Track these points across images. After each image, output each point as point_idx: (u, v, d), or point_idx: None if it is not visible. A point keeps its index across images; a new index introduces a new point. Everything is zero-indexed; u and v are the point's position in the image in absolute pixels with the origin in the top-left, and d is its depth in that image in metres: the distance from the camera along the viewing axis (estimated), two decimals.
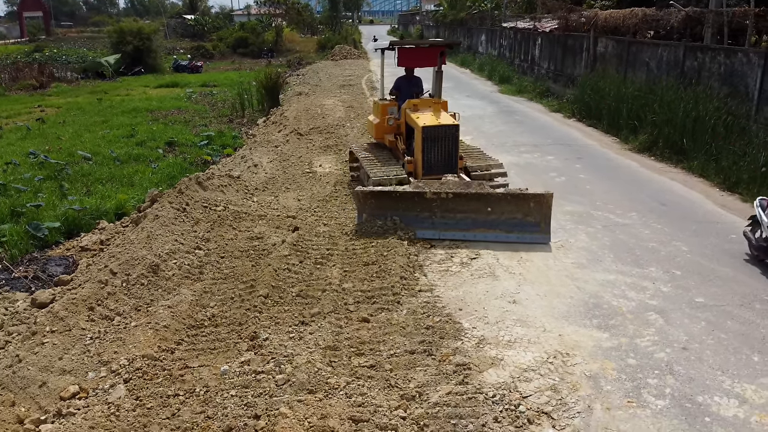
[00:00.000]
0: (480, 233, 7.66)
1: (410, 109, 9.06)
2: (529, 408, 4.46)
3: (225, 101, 23.87)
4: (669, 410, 4.45)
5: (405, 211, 7.85)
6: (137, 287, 6.60)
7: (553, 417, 4.38)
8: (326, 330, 5.57)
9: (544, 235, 7.65)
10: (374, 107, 10.58)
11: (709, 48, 12.83)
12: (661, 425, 4.29)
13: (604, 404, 4.53)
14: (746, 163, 9.98)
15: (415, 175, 8.74)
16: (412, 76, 10.16)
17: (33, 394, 4.95)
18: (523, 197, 7.62)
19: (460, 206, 7.70)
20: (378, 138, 10.12)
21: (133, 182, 12.12)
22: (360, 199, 7.97)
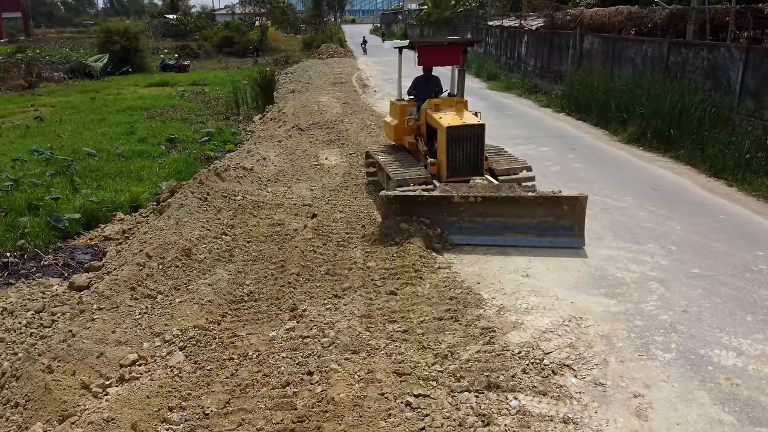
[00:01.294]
0: (510, 238, 7.35)
1: (431, 109, 8.80)
2: (552, 362, 5.00)
3: (218, 99, 24.19)
4: (675, 361, 5.03)
5: (431, 215, 7.56)
6: (173, 269, 7.03)
7: (574, 369, 4.93)
8: (358, 302, 6.07)
9: (578, 239, 7.34)
10: (392, 108, 10.29)
11: (693, 44, 13.54)
12: (670, 373, 4.86)
13: (618, 358, 5.10)
14: (731, 151, 10.66)
15: (439, 178, 8.46)
16: (430, 76, 9.88)
17: (92, 363, 5.36)
18: (555, 200, 7.28)
19: (489, 210, 7.39)
20: (397, 140, 9.87)
21: (141, 177, 12.46)
22: (385, 204, 7.65)
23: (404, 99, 9.92)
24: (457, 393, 4.57)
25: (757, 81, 11.39)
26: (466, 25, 36.44)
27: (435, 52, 9.35)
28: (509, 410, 4.40)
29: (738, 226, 8.09)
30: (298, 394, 4.61)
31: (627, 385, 4.74)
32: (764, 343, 5.24)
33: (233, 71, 35.87)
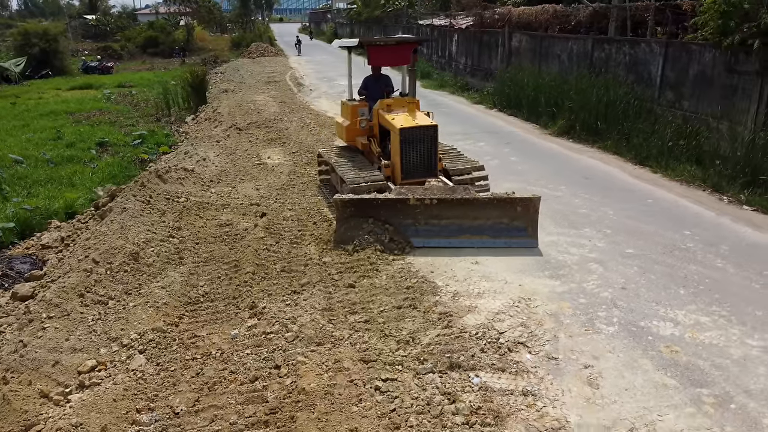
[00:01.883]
0: (466, 240, 7.37)
1: (383, 109, 8.72)
2: (507, 340, 5.29)
3: (147, 101, 23.55)
4: (619, 333, 5.42)
5: (387, 218, 7.46)
6: (121, 274, 6.90)
7: (527, 345, 5.23)
8: (318, 296, 6.18)
9: (532, 239, 7.40)
10: (343, 109, 10.08)
11: (615, 40, 14.34)
12: (615, 345, 5.25)
13: (566, 333, 5.44)
14: (654, 140, 11.39)
15: (394, 180, 8.37)
16: (380, 75, 9.72)
17: (48, 372, 5.23)
18: (510, 201, 7.34)
19: (445, 212, 7.39)
20: (349, 141, 9.66)
21: (73, 183, 12.06)
22: (339, 208, 7.49)
23: (355, 99, 9.66)
24: (422, 375, 4.77)
25: (676, 74, 12.22)
26: (397, 24, 36.86)
27: (385, 52, 9.19)
28: (472, 387, 4.64)
29: (665, 209, 8.70)
30: (267, 388, 4.69)
31: (577, 357, 5.08)
32: (697, 314, 5.72)
33: (160, 72, 34.94)
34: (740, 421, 4.26)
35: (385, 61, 9.53)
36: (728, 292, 6.12)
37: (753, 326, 5.49)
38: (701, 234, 7.71)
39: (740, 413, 4.35)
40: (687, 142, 10.93)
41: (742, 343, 5.23)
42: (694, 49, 11.76)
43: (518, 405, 4.45)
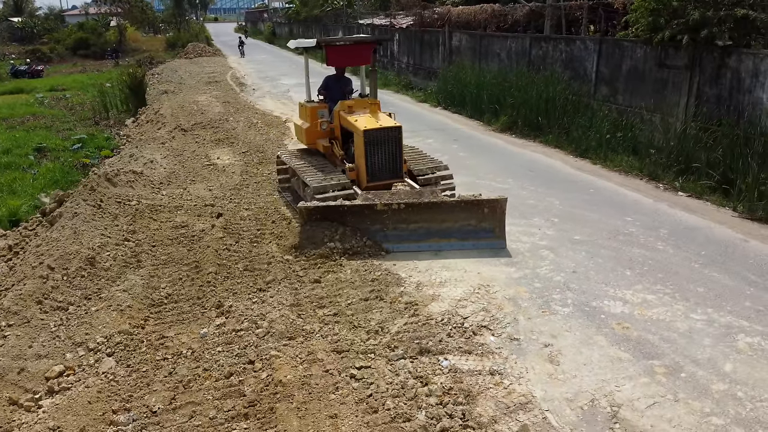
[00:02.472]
0: (435, 243, 7.34)
1: (345, 111, 8.57)
2: (471, 325, 5.55)
3: (83, 104, 22.81)
4: (573, 314, 5.77)
5: (354, 224, 7.38)
6: (78, 279, 6.77)
7: (490, 328, 5.51)
8: (284, 293, 6.27)
9: (500, 240, 7.40)
10: (301, 110, 9.75)
11: (552, 38, 14.94)
12: (571, 324, 5.59)
13: (525, 315, 5.75)
14: (592, 133, 11.98)
15: (359, 183, 8.20)
16: (341, 76, 9.54)
17: (14, 380, 5.12)
18: (477, 203, 7.33)
19: (412, 216, 7.33)
20: (310, 143, 9.37)
21: (14, 190, 11.62)
22: (304, 216, 7.39)
23: (314, 100, 9.45)
24: (394, 361, 4.96)
25: (610, 70, 12.88)
26: (336, 23, 36.90)
27: (344, 52, 9.02)
28: (442, 370, 4.86)
29: (607, 198, 9.22)
30: (244, 382, 4.76)
31: (537, 337, 5.38)
32: (644, 293, 6.15)
33: (93, 74, 33.83)
34: (691, 388, 4.65)
35: (344, 62, 9.34)
36: (670, 272, 6.59)
37: (696, 302, 5.96)
38: (642, 219, 8.22)
39: (690, 381, 4.74)
40: (623, 135, 11.55)
41: (687, 317, 5.67)
42: (627, 46, 12.44)
43: (487, 384, 4.70)
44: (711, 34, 10.31)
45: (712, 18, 10.34)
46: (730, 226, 7.94)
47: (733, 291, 6.15)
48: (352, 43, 9.21)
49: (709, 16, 10.38)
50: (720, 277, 6.48)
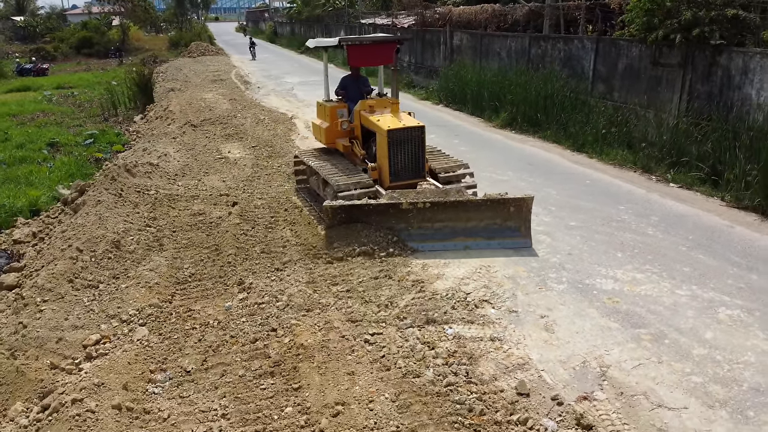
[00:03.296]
0: (460, 242, 7.30)
1: (366, 111, 8.51)
2: (473, 299, 6.03)
3: (91, 101, 23.33)
4: (568, 290, 6.26)
5: (379, 223, 7.37)
6: (105, 260, 7.25)
7: (491, 302, 5.99)
8: (300, 272, 6.74)
9: (525, 239, 7.38)
10: (320, 110, 9.64)
11: (550, 37, 15.42)
12: (565, 299, 6.07)
13: (523, 291, 6.24)
14: (589, 128, 12.46)
15: (381, 183, 8.16)
16: (358, 75, 9.56)
17: (53, 348, 5.59)
18: (503, 202, 7.27)
19: (438, 215, 7.30)
20: (329, 143, 9.30)
21: (31, 182, 12.12)
22: (329, 214, 7.36)
23: (332, 99, 9.39)
24: (404, 329, 5.44)
25: (607, 68, 13.36)
26: (338, 23, 37.37)
27: (366, 52, 8.87)
28: (447, 337, 5.34)
29: (601, 188, 9.69)
30: (268, 346, 5.24)
31: (534, 310, 5.86)
32: (633, 272, 6.63)
33: (98, 73, 34.32)
34: (674, 352, 5.13)
35: (366, 61, 9.31)
36: (659, 254, 7.07)
37: (681, 280, 6.44)
38: (634, 208, 8.70)
39: (673, 346, 5.22)
40: (618, 130, 12.03)
41: (672, 293, 6.15)
42: (623, 45, 12.92)
43: (488, 348, 5.18)
44: (703, 33, 10.78)
45: (703, 18, 10.82)
46: (717, 214, 8.42)
47: (716, 270, 6.64)
48: (375, 42, 9.10)
49: (701, 16, 10.85)
50: (705, 258, 6.96)
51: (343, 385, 4.63)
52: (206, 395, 4.65)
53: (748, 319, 5.63)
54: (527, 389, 4.61)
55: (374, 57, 9.08)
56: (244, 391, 4.67)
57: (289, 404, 4.46)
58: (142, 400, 4.61)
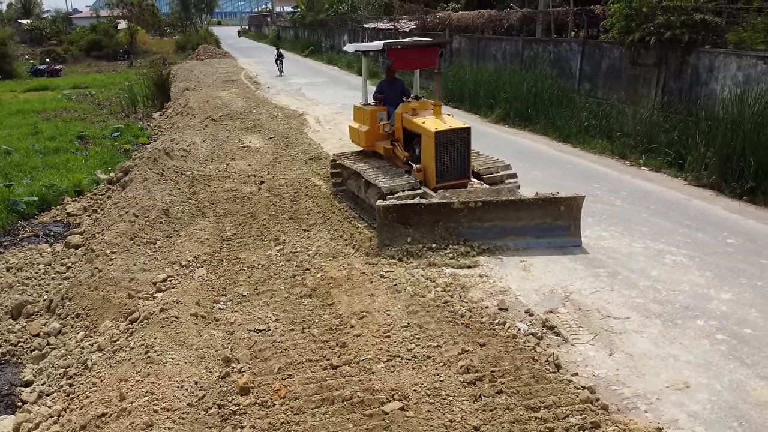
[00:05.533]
0: (510, 241, 7.44)
1: (409, 113, 8.61)
2: (468, 251, 7.41)
3: (109, 100, 24.78)
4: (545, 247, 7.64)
5: (429, 223, 7.47)
6: (158, 224, 8.61)
7: (482, 254, 7.35)
8: (324, 233, 8.12)
9: (575, 238, 7.49)
10: (358, 113, 9.76)
11: (541, 40, 16.85)
12: (541, 250, 7.44)
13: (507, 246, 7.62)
14: (574, 122, 13.85)
15: (427, 183, 8.27)
16: (394, 79, 9.71)
17: (127, 286, 6.94)
18: (554, 201, 7.39)
19: (488, 215, 7.41)
20: (369, 146, 9.43)
21: (69, 168, 13.52)
22: (381, 214, 7.37)
23: (370, 103, 9.60)
24: (411, 269, 6.80)
25: (592, 68, 14.77)
26: (342, 27, 38.82)
27: (410, 55, 8.93)
28: (445, 275, 6.72)
29: (582, 171, 11.08)
30: (305, 279, 6.62)
31: (515, 257, 7.24)
32: (599, 231, 8.02)
33: (110, 74, 35.79)
34: (624, 284, 6.51)
35: (410, 65, 9.31)
36: (623, 219, 8.45)
37: (638, 236, 7.82)
38: (607, 186, 10.09)
39: (624, 280, 6.60)
40: (599, 122, 13.43)
41: (630, 245, 7.53)
42: (605, 47, 14.34)
43: (477, 281, 6.57)
44: (674, 35, 12.20)
45: (675, 22, 12.24)
46: (678, 191, 9.81)
47: (669, 230, 8.02)
48: (418, 46, 9.10)
49: (673, 20, 12.27)
50: (662, 222, 8.35)
51: (365, 301, 6.00)
52: (261, 309, 6.01)
53: (688, 263, 7.02)
54: (506, 306, 5.99)
55: (417, 60, 9.12)
56: (290, 306, 6.04)
57: (325, 313, 5.83)
58: (212, 312, 5.97)
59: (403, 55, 8.82)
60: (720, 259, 7.13)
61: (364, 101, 9.80)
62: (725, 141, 9.89)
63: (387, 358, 5.00)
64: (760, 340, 5.45)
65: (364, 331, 5.45)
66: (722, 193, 9.57)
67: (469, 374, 4.74)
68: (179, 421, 4.27)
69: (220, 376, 4.89)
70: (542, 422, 4.21)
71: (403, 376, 4.73)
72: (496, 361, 4.91)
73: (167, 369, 4.86)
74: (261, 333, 5.60)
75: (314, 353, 5.17)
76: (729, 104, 10.38)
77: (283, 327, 5.64)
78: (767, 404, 4.61)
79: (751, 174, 9.37)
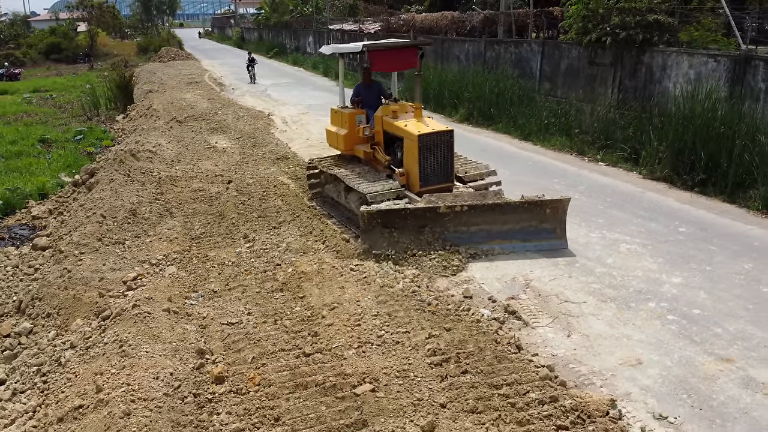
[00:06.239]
0: (496, 245, 7.38)
1: (389, 116, 8.43)
2: None
3: (70, 103, 24.41)
4: None
5: (414, 228, 7.35)
6: (126, 225, 8.63)
7: None
8: (294, 230, 8.27)
9: (561, 240, 7.47)
10: (336, 116, 9.49)
11: (503, 41, 17.27)
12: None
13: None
14: (534, 120, 14.26)
15: (409, 188, 8.08)
16: (371, 82, 9.51)
17: (96, 285, 6.98)
18: (540, 204, 7.36)
19: (474, 219, 7.33)
20: (348, 150, 9.18)
21: (33, 171, 13.39)
22: (366, 219, 7.24)
23: (348, 106, 9.42)
24: (380, 262, 7.01)
25: (551, 68, 15.23)
26: (307, 29, 38.86)
27: (390, 56, 8.69)
28: (412, 267, 6.94)
29: (542, 168, 11.47)
30: (276, 274, 6.77)
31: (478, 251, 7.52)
32: None
33: (70, 77, 35.19)
34: (581, 271, 6.85)
35: (390, 66, 9.13)
36: (581, 211, 8.80)
37: (595, 227, 8.20)
38: (566, 180, 10.48)
39: (582, 267, 6.95)
40: (558, 121, 13.88)
41: (587, 236, 7.89)
42: (564, 47, 14.81)
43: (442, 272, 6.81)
44: (629, 36, 12.69)
45: (630, 22, 12.73)
46: (633, 184, 10.25)
47: (624, 221, 8.42)
48: (398, 47, 9.01)
49: (628, 20, 12.77)
50: (617, 213, 8.75)
51: (336, 293, 6.18)
52: (233, 304, 6.15)
53: (641, 251, 7.40)
54: (471, 294, 6.27)
55: (397, 62, 8.94)
56: (262, 300, 6.19)
57: (297, 306, 6.00)
58: (184, 308, 6.08)
59: (383, 56, 8.60)
60: (671, 247, 7.53)
61: (341, 104, 9.60)
62: (677, 136, 10.37)
63: (358, 345, 5.19)
64: (708, 319, 5.83)
65: (336, 320, 5.63)
66: (675, 185, 10.04)
67: (435, 357, 4.98)
68: (156, 409, 4.39)
69: (195, 367, 5.01)
70: (504, 398, 4.47)
71: (373, 361, 4.94)
72: (461, 344, 5.16)
73: (142, 362, 4.97)
74: (234, 326, 5.73)
75: (287, 343, 5.34)
76: (681, 101, 10.87)
77: (256, 320, 5.78)
78: (714, 378, 4.95)
79: (702, 167, 9.86)
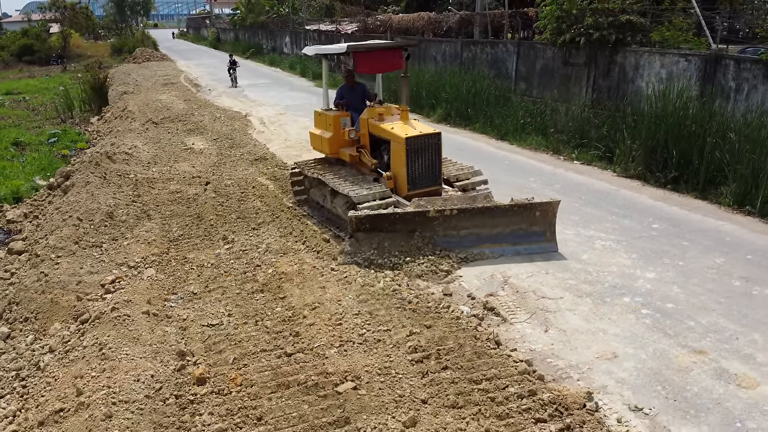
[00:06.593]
0: (486, 248, 7.30)
1: (375, 118, 8.27)
2: None
3: (43, 105, 24.01)
4: None
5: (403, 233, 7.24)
6: (103, 227, 8.56)
7: None
8: (274, 231, 8.26)
9: (551, 243, 7.44)
10: (320, 119, 9.27)
11: (479, 42, 17.43)
12: None
13: None
14: (511, 120, 14.42)
15: (397, 191, 7.98)
16: (354, 83, 9.33)
17: (74, 288, 6.92)
18: (529, 207, 7.32)
19: (463, 223, 7.26)
20: (333, 153, 8.99)
21: (6, 175, 13.16)
22: (354, 224, 7.11)
23: (332, 108, 9.23)
24: (360, 261, 7.06)
25: (527, 68, 15.42)
26: (283, 29, 38.73)
27: (375, 58, 8.52)
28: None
29: (517, 166, 11.62)
30: (256, 275, 6.77)
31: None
32: None
33: (43, 79, 34.58)
34: (558, 267, 6.99)
35: (375, 68, 8.96)
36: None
37: (571, 224, 8.34)
38: (542, 179, 10.64)
39: (558, 264, 7.09)
40: (534, 120, 14.06)
41: (562, 233, 8.00)
42: (539, 48, 15.01)
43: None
44: (602, 36, 12.90)
45: (603, 23, 12.95)
46: (608, 182, 10.45)
47: (598, 218, 8.58)
48: (383, 48, 8.83)
49: (601, 21, 12.98)
50: (592, 210, 8.91)
51: (317, 293, 6.21)
52: (213, 305, 6.14)
53: (616, 247, 7.56)
54: (450, 291, 6.35)
55: (383, 63, 8.77)
56: (242, 301, 6.20)
57: (277, 306, 6.02)
58: (163, 310, 6.06)
59: (368, 58, 8.42)
60: (645, 243, 7.70)
61: (325, 106, 9.45)
62: (650, 134, 10.59)
63: (339, 344, 5.23)
64: (681, 313, 5.98)
65: (317, 320, 5.67)
66: (648, 183, 10.25)
67: (416, 353, 5.04)
68: (138, 411, 4.38)
69: (176, 368, 5.01)
70: (484, 393, 4.55)
71: (355, 359, 4.98)
72: (441, 340, 5.24)
73: (122, 364, 4.96)
74: (214, 327, 5.74)
75: (268, 343, 5.36)
76: (653, 100, 11.10)
77: (236, 321, 5.79)
78: (687, 369, 5.09)
79: (674, 164, 10.09)
